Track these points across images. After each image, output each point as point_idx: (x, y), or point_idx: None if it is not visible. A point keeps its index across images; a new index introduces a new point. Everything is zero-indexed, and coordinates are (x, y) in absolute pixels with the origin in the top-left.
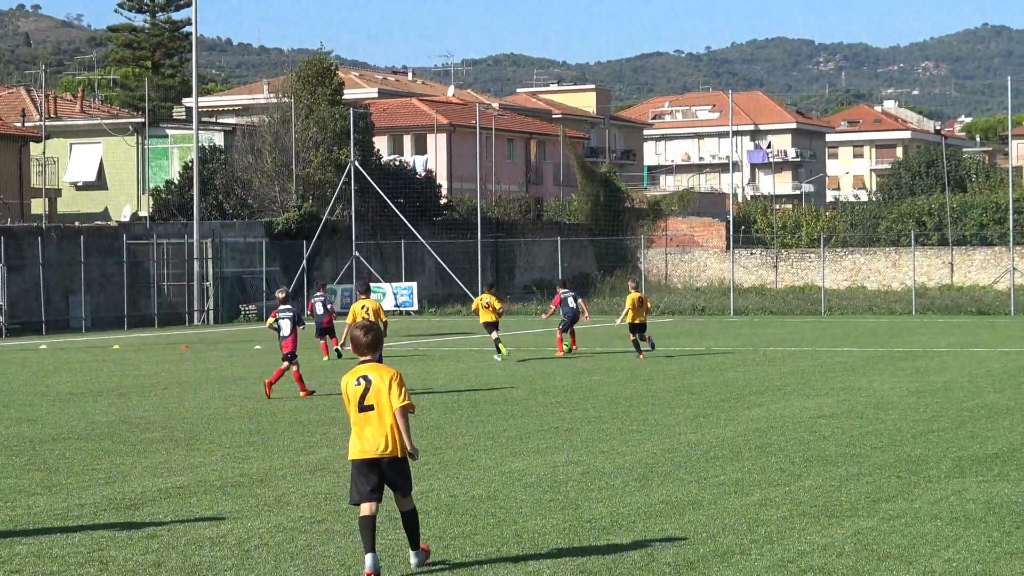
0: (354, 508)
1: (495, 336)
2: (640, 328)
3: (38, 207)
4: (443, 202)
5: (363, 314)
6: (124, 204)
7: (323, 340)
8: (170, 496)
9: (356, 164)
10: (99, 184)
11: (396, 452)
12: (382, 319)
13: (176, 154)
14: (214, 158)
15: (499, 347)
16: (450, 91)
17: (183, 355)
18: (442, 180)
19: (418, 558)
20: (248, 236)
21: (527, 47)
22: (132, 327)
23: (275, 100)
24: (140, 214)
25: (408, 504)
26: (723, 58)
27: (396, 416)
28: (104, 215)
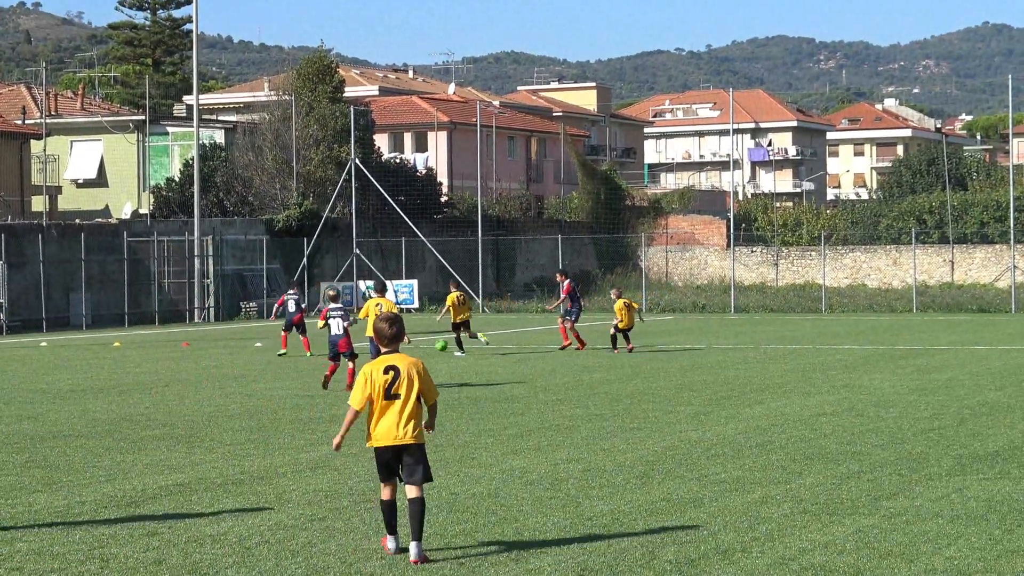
0: (353, 507)
1: (469, 334)
2: (627, 331)
3: (39, 204)
4: (444, 200)
5: (377, 311)
6: (125, 201)
7: (287, 333)
8: (171, 493)
9: (357, 162)
10: (100, 181)
11: (419, 440)
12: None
13: (177, 151)
14: (215, 155)
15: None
16: (451, 89)
17: (184, 352)
18: (443, 178)
19: (418, 551)
20: (249, 233)
21: (528, 45)
22: (133, 324)
23: (276, 98)
24: (141, 211)
25: (418, 493)
26: (724, 56)
27: (428, 408)
28: (105, 212)
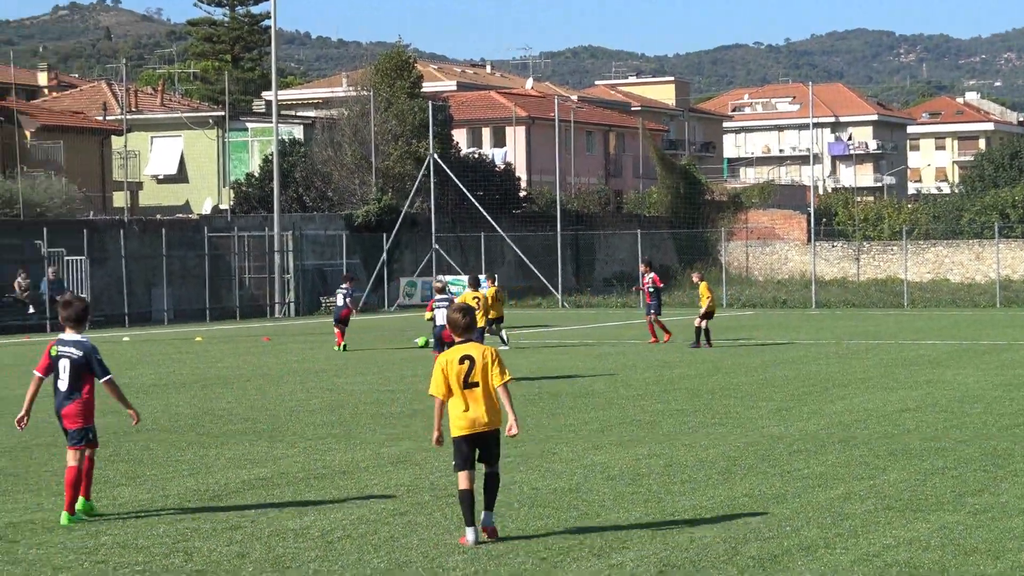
0: (434, 502)
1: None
2: (710, 317)
3: (120, 200)
4: (522, 195)
5: (474, 303)
6: (205, 197)
7: (339, 329)
8: (253, 488)
9: (435, 157)
10: (180, 177)
11: (496, 425)
12: (489, 310)
13: (256, 147)
14: (294, 151)
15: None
16: (529, 84)
17: (265, 347)
18: (521, 172)
19: (489, 519)
20: (328, 229)
21: (606, 39)
22: (214, 319)
23: (354, 93)
24: (221, 207)
25: (495, 468)
26: (803, 50)
27: (500, 391)
28: (185, 208)
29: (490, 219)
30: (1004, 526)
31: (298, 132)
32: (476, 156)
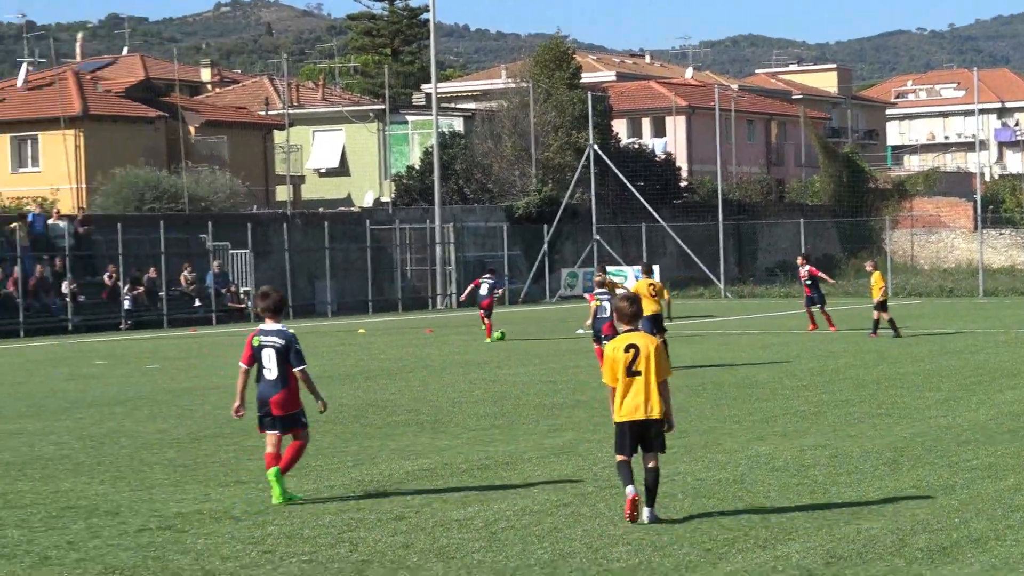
0: (598, 493)
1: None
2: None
3: (283, 194)
4: (683, 185)
5: (649, 290)
6: (367, 190)
7: (487, 321)
8: (417, 478)
9: (595, 147)
10: (342, 170)
11: (657, 414)
12: (665, 297)
13: (416, 140)
14: (454, 143)
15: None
16: (688, 73)
17: (427, 339)
18: (681, 163)
19: (651, 515)
20: (489, 220)
21: (766, 28)
22: (376, 311)
23: (513, 85)
24: (382, 200)
25: (655, 462)
26: (967, 35)
27: (661, 385)
28: (347, 201)
29: (651, 209)
30: None
31: (458, 124)
32: (636, 146)
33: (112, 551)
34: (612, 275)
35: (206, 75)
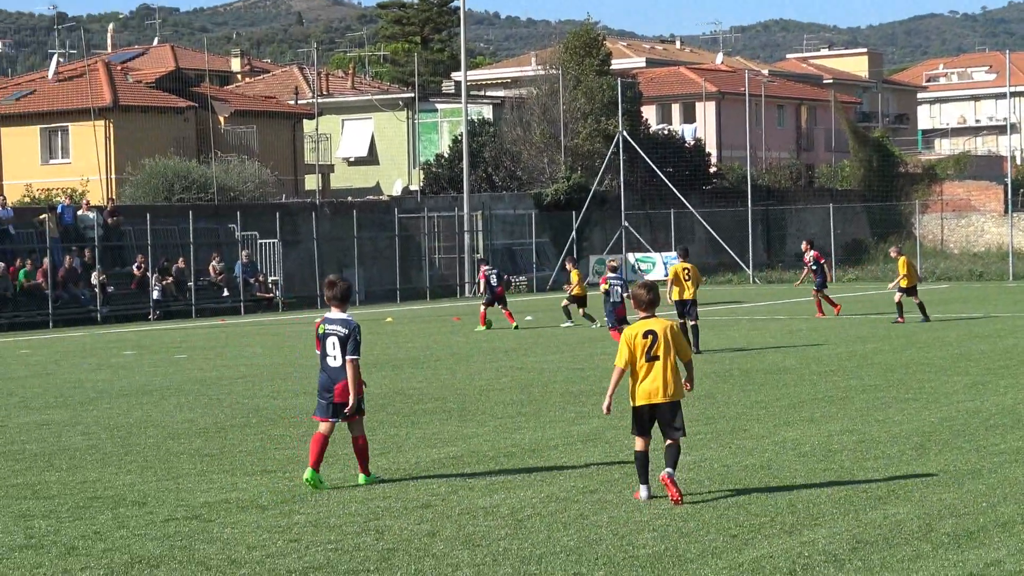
0: (624, 480)
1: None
2: (913, 291)
3: (312, 183)
4: (712, 170)
5: (684, 274)
6: (395, 178)
7: (496, 308)
8: (444, 466)
9: (624, 134)
10: (371, 159)
11: (675, 396)
12: (699, 280)
13: (446, 128)
14: (483, 131)
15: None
16: (719, 58)
17: (455, 327)
18: (711, 148)
19: (670, 473)
20: (518, 208)
21: (796, 12)
22: (404, 300)
23: (543, 72)
24: (411, 188)
25: (676, 442)
26: (999, 18)
27: (682, 365)
28: (376, 190)
29: (680, 196)
30: None
31: (487, 112)
32: (665, 132)
33: (139, 541)
34: (640, 261)
35: (236, 65)
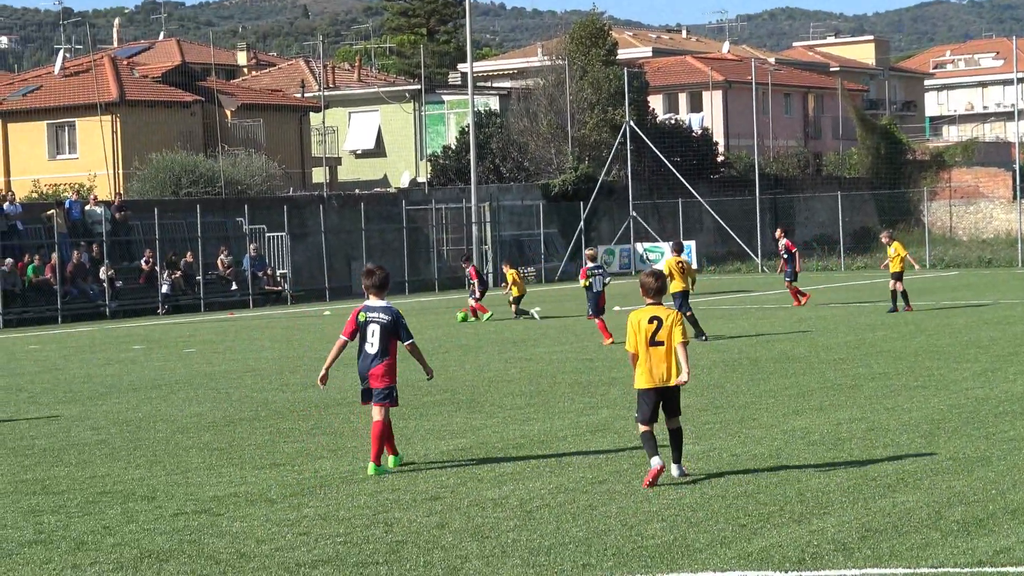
0: (633, 470)
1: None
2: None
3: (319, 176)
4: (720, 159)
5: (678, 268)
6: (403, 170)
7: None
8: (452, 458)
9: (631, 124)
10: (378, 151)
11: (677, 380)
12: (693, 275)
13: (452, 120)
14: (490, 122)
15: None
16: (725, 47)
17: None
18: (718, 137)
19: (679, 470)
20: (525, 199)
21: (803, 0)
22: (413, 292)
23: (549, 63)
24: (418, 180)
25: (677, 424)
26: (1006, 4)
27: (679, 348)
28: (383, 182)
29: (687, 185)
30: None
31: (494, 103)
32: (672, 122)
33: (148, 535)
34: (648, 251)
35: (242, 58)
